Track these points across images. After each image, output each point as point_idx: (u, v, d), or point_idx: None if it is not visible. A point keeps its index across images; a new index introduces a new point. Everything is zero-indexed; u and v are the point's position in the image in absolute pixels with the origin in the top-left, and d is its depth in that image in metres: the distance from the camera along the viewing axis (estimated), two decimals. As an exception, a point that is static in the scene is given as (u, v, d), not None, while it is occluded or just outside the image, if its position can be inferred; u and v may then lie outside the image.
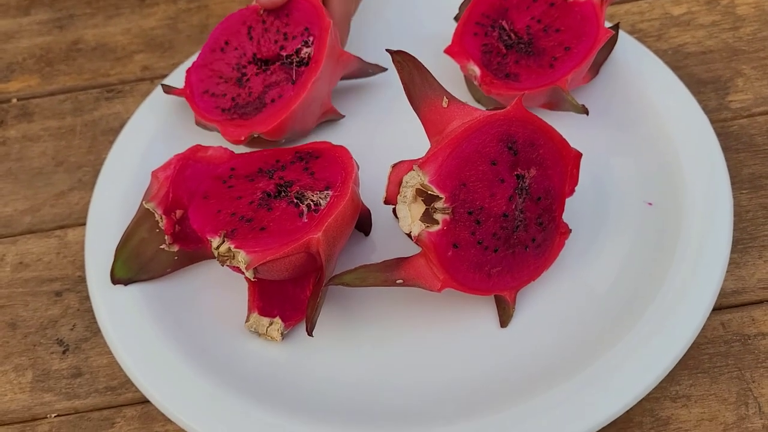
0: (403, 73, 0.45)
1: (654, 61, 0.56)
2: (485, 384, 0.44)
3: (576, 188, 0.47)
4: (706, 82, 0.60)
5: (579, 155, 0.46)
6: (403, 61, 0.44)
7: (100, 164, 0.59)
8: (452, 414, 0.43)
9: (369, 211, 0.51)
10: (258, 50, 0.55)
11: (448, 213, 0.43)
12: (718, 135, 0.56)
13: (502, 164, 0.43)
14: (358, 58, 0.56)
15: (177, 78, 0.60)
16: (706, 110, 0.57)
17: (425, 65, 0.45)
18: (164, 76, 0.66)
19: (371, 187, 0.51)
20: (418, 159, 0.43)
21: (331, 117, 0.56)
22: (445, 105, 0.44)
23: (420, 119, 0.45)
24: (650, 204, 0.50)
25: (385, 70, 0.58)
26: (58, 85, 0.67)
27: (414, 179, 0.43)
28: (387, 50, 0.45)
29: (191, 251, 0.49)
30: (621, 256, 0.48)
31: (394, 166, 0.45)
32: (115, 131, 0.62)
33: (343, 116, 0.57)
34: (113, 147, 0.56)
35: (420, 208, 0.43)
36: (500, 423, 0.42)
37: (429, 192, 0.42)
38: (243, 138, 0.52)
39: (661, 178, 0.51)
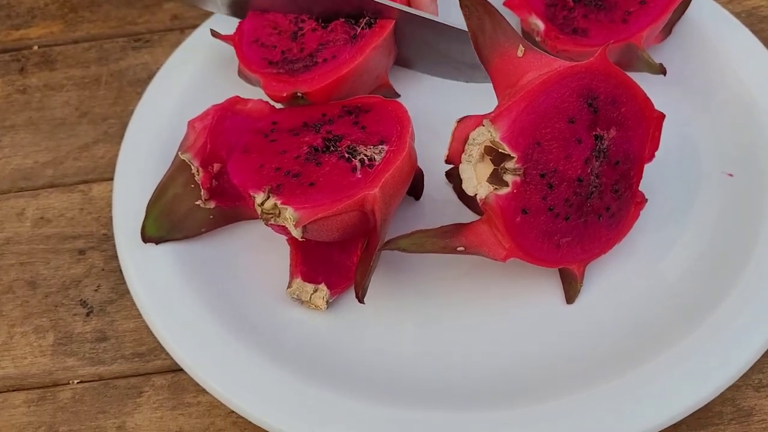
0: (472, 20, 0.40)
1: (731, 22, 0.52)
2: (549, 365, 0.41)
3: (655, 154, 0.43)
4: (784, 49, 0.55)
5: (662, 116, 0.42)
6: (472, 5, 0.40)
7: (127, 117, 0.55)
8: (508, 397, 0.40)
9: (422, 171, 0.47)
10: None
11: (519, 174, 0.39)
12: (798, 105, 0.51)
13: (581, 122, 0.39)
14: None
15: (207, 29, 0.55)
16: (784, 78, 0.53)
17: None
18: (195, 26, 0.61)
19: (421, 147, 0.47)
20: (489, 113, 0.39)
21: (384, 92, 0.50)
22: (520, 54, 0.40)
23: (488, 71, 0.41)
24: (730, 175, 0.46)
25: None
26: (82, 33, 0.63)
27: (483, 135, 0.39)
28: None
29: (228, 209, 0.45)
30: (699, 232, 0.44)
31: (460, 121, 0.41)
32: (143, 82, 0.58)
33: (399, 95, 0.51)
34: (144, 96, 0.52)
35: (487, 168, 0.39)
36: (566, 409, 0.38)
37: (500, 150, 0.38)
38: (285, 95, 0.47)
39: (742, 148, 0.47)
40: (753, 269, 0.41)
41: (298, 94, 0.47)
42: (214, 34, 0.51)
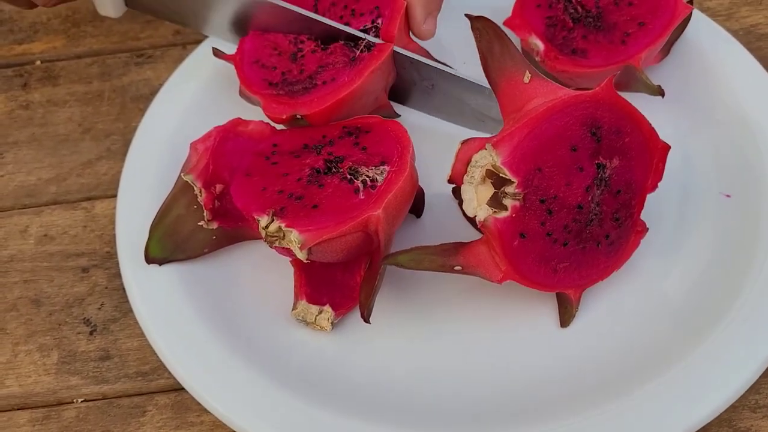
0: (482, 42, 0.41)
1: (730, 42, 0.52)
2: (541, 387, 0.41)
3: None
4: (781, 66, 0.56)
5: (667, 147, 0.42)
6: (483, 28, 0.41)
7: (130, 133, 0.55)
8: (505, 418, 0.40)
9: (423, 190, 0.47)
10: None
11: (518, 199, 0.39)
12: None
13: (583, 151, 0.40)
14: (427, 52, 0.52)
15: (209, 45, 0.56)
16: (782, 97, 0.54)
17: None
18: (197, 42, 0.61)
19: (420, 166, 0.48)
20: (492, 137, 0.39)
21: (384, 113, 0.50)
22: (527, 80, 0.40)
23: (496, 94, 0.41)
24: (728, 196, 0.46)
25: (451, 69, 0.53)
26: (84, 48, 0.63)
27: (485, 159, 0.39)
28: (467, 15, 0.41)
29: (231, 230, 0.46)
30: (697, 256, 0.45)
31: (464, 142, 0.41)
32: (146, 98, 0.58)
33: (399, 115, 0.51)
34: (146, 115, 0.53)
35: (488, 190, 0.40)
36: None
37: (500, 174, 0.39)
38: (284, 117, 0.47)
39: (740, 168, 0.47)
40: (750, 291, 0.42)
41: (298, 116, 0.47)
42: (216, 53, 0.51)
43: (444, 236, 0.44)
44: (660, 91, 0.47)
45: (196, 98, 0.53)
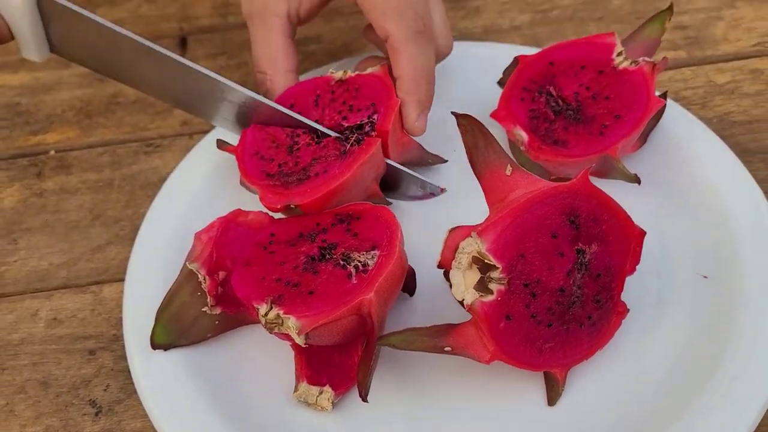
0: (467, 137, 0.44)
1: (703, 130, 0.55)
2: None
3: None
4: (753, 152, 0.59)
5: (642, 234, 0.45)
6: (469, 125, 0.44)
7: (138, 219, 0.58)
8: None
9: (414, 271, 0.50)
10: (321, 117, 0.54)
11: (503, 284, 0.41)
12: (769, 207, 0.55)
13: (563, 238, 0.42)
14: (420, 145, 0.55)
15: (214, 137, 0.59)
16: (755, 180, 0.57)
17: None
18: (204, 132, 0.65)
19: (412, 248, 0.51)
20: (477, 225, 0.42)
21: (375, 201, 0.54)
22: (508, 173, 0.43)
23: (481, 185, 0.44)
24: (705, 277, 0.49)
25: (445, 161, 0.56)
26: (96, 138, 0.67)
27: (471, 246, 0.42)
28: (453, 113, 0.45)
29: (233, 315, 0.48)
30: (677, 336, 0.47)
31: (452, 230, 0.44)
32: (154, 186, 0.62)
33: (390, 203, 0.55)
34: (153, 204, 0.56)
35: (475, 275, 0.42)
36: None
37: (485, 261, 0.41)
38: (279, 206, 0.51)
39: (716, 250, 0.50)
40: (728, 366, 0.44)
41: (292, 205, 0.50)
42: (220, 145, 0.55)
43: (436, 314, 0.46)
44: (636, 179, 0.50)
45: (200, 187, 0.56)
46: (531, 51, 0.60)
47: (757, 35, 0.67)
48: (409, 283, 0.49)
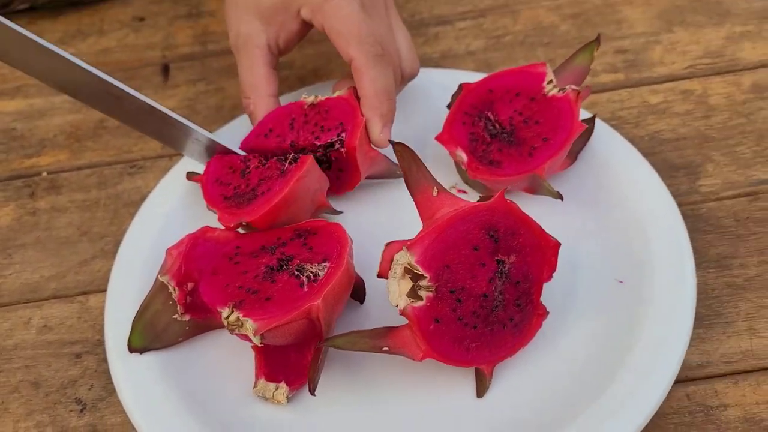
0: (403, 162, 0.50)
1: (628, 149, 0.61)
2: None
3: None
4: (678, 167, 0.65)
5: (557, 245, 0.51)
6: (403, 151, 0.50)
7: (122, 235, 0.64)
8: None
9: (363, 281, 0.56)
10: (297, 138, 0.60)
11: (431, 291, 0.47)
12: (689, 217, 0.61)
13: (484, 250, 0.48)
14: (386, 157, 0.61)
15: (188, 162, 0.65)
16: (678, 194, 0.62)
17: (425, 149, 0.52)
18: (180, 155, 0.71)
19: (367, 261, 0.56)
20: (408, 240, 0.48)
21: (326, 211, 0.60)
22: (434, 194, 0.49)
23: (414, 202, 0.50)
24: (621, 282, 0.55)
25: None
26: (85, 161, 0.72)
27: (403, 258, 0.48)
28: (390, 141, 0.51)
29: (201, 321, 0.54)
30: (594, 333, 0.52)
31: (388, 244, 0.50)
32: (136, 204, 0.67)
33: (340, 212, 0.61)
34: (132, 224, 0.61)
35: (408, 284, 0.48)
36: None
37: (415, 271, 0.47)
38: (232, 225, 0.56)
39: (631, 259, 0.55)
40: (635, 362, 0.50)
41: (243, 222, 0.56)
42: (188, 176, 0.61)
43: (385, 320, 0.52)
44: (559, 196, 0.56)
45: (175, 207, 0.62)
46: (479, 77, 0.67)
47: (690, 58, 0.73)
48: (358, 292, 0.55)
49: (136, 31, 0.85)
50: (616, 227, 0.57)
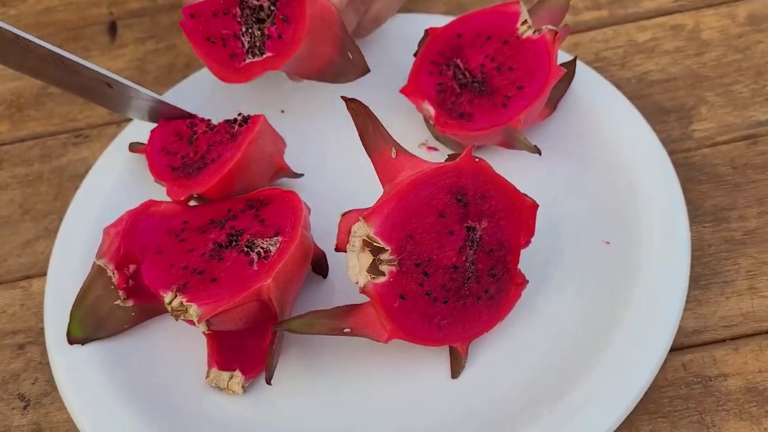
0: (358, 120, 0.45)
1: (612, 94, 0.56)
2: (442, 432, 0.44)
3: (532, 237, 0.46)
4: (669, 111, 0.59)
5: (534, 206, 0.45)
6: (357, 108, 0.44)
7: (66, 212, 0.59)
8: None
9: (324, 253, 0.50)
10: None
11: (394, 265, 0.42)
12: (681, 166, 0.55)
13: (451, 216, 0.43)
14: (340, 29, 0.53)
15: (136, 127, 0.60)
16: (669, 140, 0.57)
17: (390, 104, 0.47)
18: (130, 120, 0.66)
19: (331, 230, 0.51)
20: (365, 209, 0.43)
21: (285, 175, 0.55)
22: (393, 156, 0.44)
23: (373, 165, 0.45)
24: (608, 243, 0.50)
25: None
26: (27, 131, 0.67)
27: (361, 230, 0.43)
28: (342, 97, 0.45)
29: (148, 305, 0.49)
30: (579, 301, 0.48)
31: (344, 215, 0.45)
32: (82, 177, 0.62)
33: (302, 175, 0.55)
34: (73, 200, 0.56)
35: (368, 258, 0.43)
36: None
37: (375, 243, 0.42)
38: (183, 198, 0.51)
39: (618, 216, 0.50)
40: (625, 331, 0.45)
41: (194, 195, 0.51)
42: (131, 148, 0.56)
43: (352, 295, 0.47)
44: (537, 150, 0.51)
45: (120, 181, 0.57)
46: (446, 19, 0.60)
47: (680, -11, 0.67)
48: (320, 266, 0.50)
49: (81, -14, 0.78)
50: (601, 182, 0.52)
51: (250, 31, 0.52)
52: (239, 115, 0.53)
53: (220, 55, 0.52)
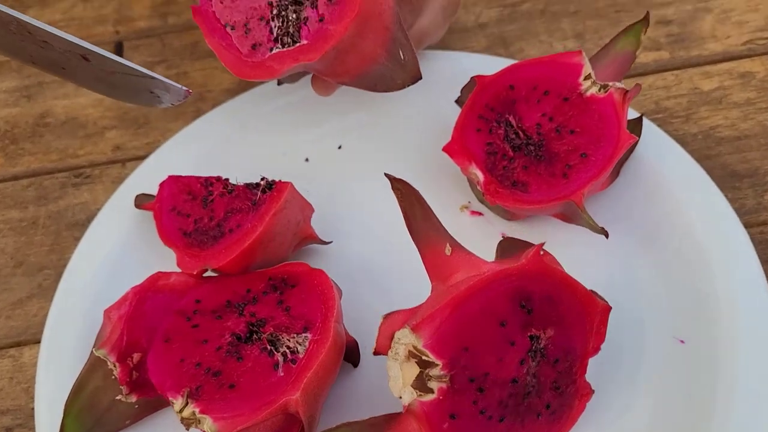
0: (404, 203, 0.39)
1: (682, 158, 0.49)
2: None
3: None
4: (741, 176, 0.53)
5: (607, 309, 0.39)
6: (403, 189, 0.38)
7: (63, 266, 0.53)
8: None
9: (356, 342, 0.44)
10: None
11: (445, 381, 0.36)
12: (758, 243, 0.49)
13: (513, 324, 0.37)
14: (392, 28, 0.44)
15: (146, 169, 0.54)
16: (743, 211, 0.51)
17: (429, 159, 0.43)
18: (138, 157, 0.60)
19: (362, 309, 0.45)
20: (412, 318, 0.37)
21: (312, 243, 0.48)
22: (448, 253, 0.38)
23: (421, 258, 0.39)
24: (682, 342, 0.43)
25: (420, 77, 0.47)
26: (22, 167, 0.61)
27: (406, 338, 0.36)
28: (386, 175, 0.39)
29: (154, 399, 0.43)
30: (650, 414, 0.42)
31: (386, 317, 0.38)
32: (81, 226, 0.56)
33: (330, 242, 0.49)
34: (71, 260, 0.51)
35: (413, 369, 0.37)
36: None
37: (424, 357, 0.36)
38: (195, 272, 0.45)
39: (694, 307, 0.44)
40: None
41: (208, 269, 0.45)
42: (138, 203, 0.49)
43: (383, 387, 0.41)
44: (603, 232, 0.44)
45: (128, 234, 0.51)
46: (495, 61, 0.54)
47: (748, 30, 0.60)
48: (351, 355, 0.44)
49: (85, 1, 0.72)
50: (673, 265, 0.46)
51: (283, 14, 0.43)
52: (263, 179, 0.46)
53: (240, 45, 0.44)
